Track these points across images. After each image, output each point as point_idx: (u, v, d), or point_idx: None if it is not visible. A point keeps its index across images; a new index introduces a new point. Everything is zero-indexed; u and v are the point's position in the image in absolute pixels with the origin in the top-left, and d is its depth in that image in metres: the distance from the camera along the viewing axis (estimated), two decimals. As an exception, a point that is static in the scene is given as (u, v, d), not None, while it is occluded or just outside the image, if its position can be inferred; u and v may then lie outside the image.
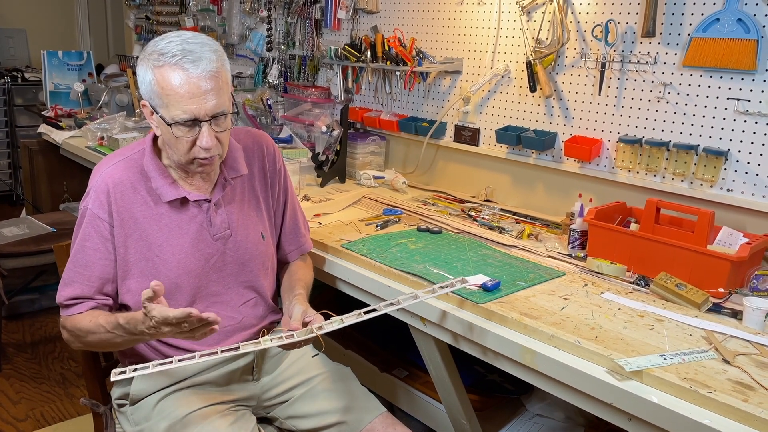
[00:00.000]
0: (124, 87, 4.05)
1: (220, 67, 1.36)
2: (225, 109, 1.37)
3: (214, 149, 1.38)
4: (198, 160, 1.40)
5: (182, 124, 1.34)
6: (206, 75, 1.33)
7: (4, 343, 3.12)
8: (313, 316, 1.38)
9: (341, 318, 1.30)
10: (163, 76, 1.32)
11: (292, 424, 1.56)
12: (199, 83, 1.32)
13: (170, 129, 1.35)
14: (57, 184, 4.03)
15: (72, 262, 1.45)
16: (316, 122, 2.81)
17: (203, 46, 1.35)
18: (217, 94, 1.35)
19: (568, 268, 1.74)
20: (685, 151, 1.85)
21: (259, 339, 1.27)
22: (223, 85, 1.36)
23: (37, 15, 5.59)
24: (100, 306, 1.46)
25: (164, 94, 1.33)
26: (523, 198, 2.33)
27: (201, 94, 1.33)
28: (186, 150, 1.38)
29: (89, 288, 1.44)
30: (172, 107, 1.33)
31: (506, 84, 2.32)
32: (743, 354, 1.28)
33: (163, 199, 1.45)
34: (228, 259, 1.53)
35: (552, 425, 1.91)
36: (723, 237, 1.68)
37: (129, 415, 1.52)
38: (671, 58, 1.87)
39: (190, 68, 1.31)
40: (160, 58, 1.33)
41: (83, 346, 1.48)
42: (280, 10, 3.30)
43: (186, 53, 1.32)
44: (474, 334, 1.45)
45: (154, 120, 1.40)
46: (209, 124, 1.35)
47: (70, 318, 1.44)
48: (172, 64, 1.32)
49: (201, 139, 1.36)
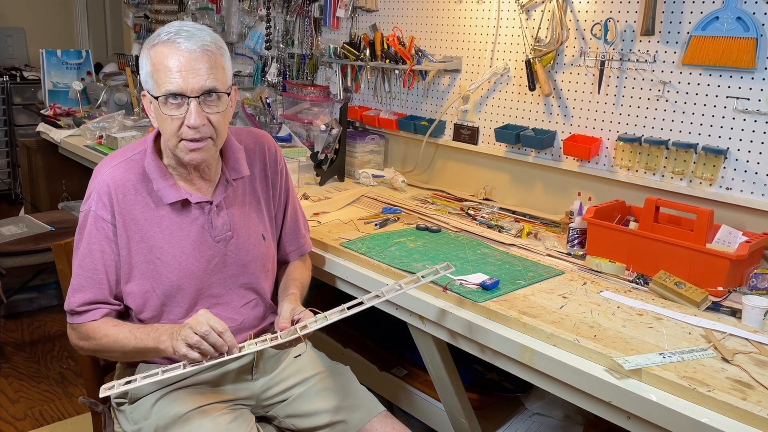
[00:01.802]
0: (123, 86, 4.04)
1: (214, 49, 1.34)
2: (216, 86, 1.34)
3: (202, 130, 1.34)
4: (186, 142, 1.36)
5: (170, 97, 1.32)
6: (198, 50, 1.31)
7: (2, 342, 3.11)
8: (302, 314, 1.38)
9: (325, 315, 1.30)
10: (156, 53, 1.33)
11: (291, 423, 1.56)
12: (189, 57, 1.31)
13: (158, 105, 1.33)
14: (56, 183, 4.02)
15: (80, 267, 1.43)
16: (315, 121, 2.81)
17: (201, 30, 1.35)
18: (208, 71, 1.32)
19: (567, 266, 1.74)
20: (685, 149, 1.85)
21: (244, 344, 1.27)
22: (216, 65, 1.34)
23: (35, 13, 5.58)
24: (112, 312, 1.45)
25: (155, 70, 1.33)
26: (522, 196, 2.33)
27: (190, 68, 1.31)
28: (174, 130, 1.35)
29: (101, 292, 1.43)
30: (161, 83, 1.32)
31: (505, 82, 2.32)
32: (742, 352, 1.28)
33: (165, 201, 1.43)
34: (229, 261, 1.52)
35: (551, 424, 1.91)
36: (722, 235, 1.68)
37: (128, 414, 1.52)
38: (670, 56, 1.87)
39: (181, 42, 1.31)
40: (155, 38, 1.34)
41: (92, 352, 1.48)
42: (279, 8, 3.30)
43: (181, 31, 1.33)
44: (473, 332, 1.45)
45: (152, 110, 1.39)
46: (198, 102, 1.33)
47: (82, 326, 1.43)
48: (165, 41, 1.32)
49: (189, 117, 1.32)
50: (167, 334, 1.33)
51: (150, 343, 1.35)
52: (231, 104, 1.43)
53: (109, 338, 1.40)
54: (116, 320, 1.44)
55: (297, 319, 1.38)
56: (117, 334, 1.39)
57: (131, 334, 1.38)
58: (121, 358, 1.55)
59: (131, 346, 1.38)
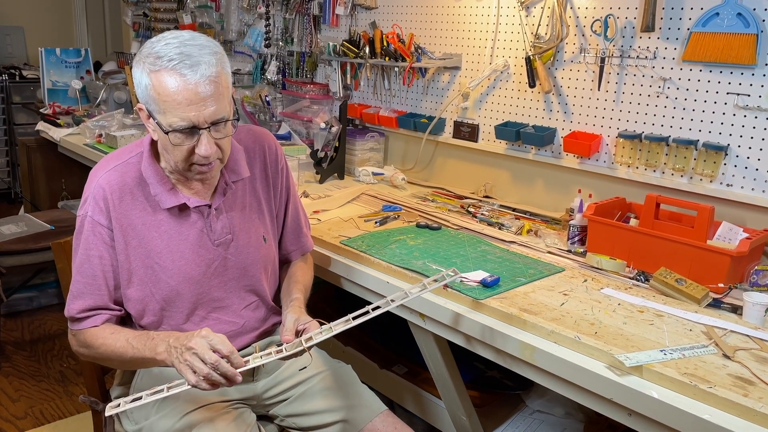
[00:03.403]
0: (122, 84, 4.04)
1: (219, 72, 1.29)
2: (225, 115, 1.31)
3: (213, 156, 1.33)
4: (197, 166, 1.35)
5: (180, 131, 1.29)
6: (205, 80, 1.26)
7: (3, 341, 3.11)
8: (306, 324, 1.35)
9: (330, 326, 1.29)
10: (159, 82, 1.26)
11: (292, 422, 1.55)
12: (197, 89, 1.26)
13: (167, 136, 1.30)
14: (55, 181, 4.02)
15: (79, 274, 1.41)
16: (315, 119, 2.80)
17: (202, 48, 1.29)
18: (216, 99, 1.28)
19: (568, 263, 1.74)
20: (685, 146, 1.84)
21: (249, 358, 1.27)
22: (223, 90, 1.30)
23: (34, 12, 5.57)
24: (113, 317, 1.44)
25: (161, 100, 1.27)
26: (522, 194, 2.33)
27: (199, 100, 1.27)
28: (184, 157, 1.33)
29: (101, 298, 1.41)
30: (169, 114, 1.28)
31: (505, 79, 2.32)
32: (743, 349, 1.28)
33: (163, 207, 1.41)
34: (229, 265, 1.50)
35: (552, 421, 1.91)
36: (723, 232, 1.68)
37: (129, 413, 1.52)
38: (671, 52, 1.86)
39: (187, 74, 1.25)
40: (156, 62, 1.26)
41: (94, 359, 1.46)
42: (279, 6, 3.29)
43: (184, 57, 1.26)
44: (473, 330, 1.45)
45: (151, 124, 1.34)
46: (208, 131, 1.30)
47: (83, 332, 1.42)
48: (169, 69, 1.25)
49: (200, 147, 1.30)
50: (164, 345, 1.30)
51: (147, 353, 1.33)
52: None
53: (107, 347, 1.38)
54: (115, 327, 1.42)
55: (302, 330, 1.35)
56: (114, 344, 1.38)
57: (128, 343, 1.36)
58: (122, 367, 1.55)
59: (129, 356, 1.37)
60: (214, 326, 1.49)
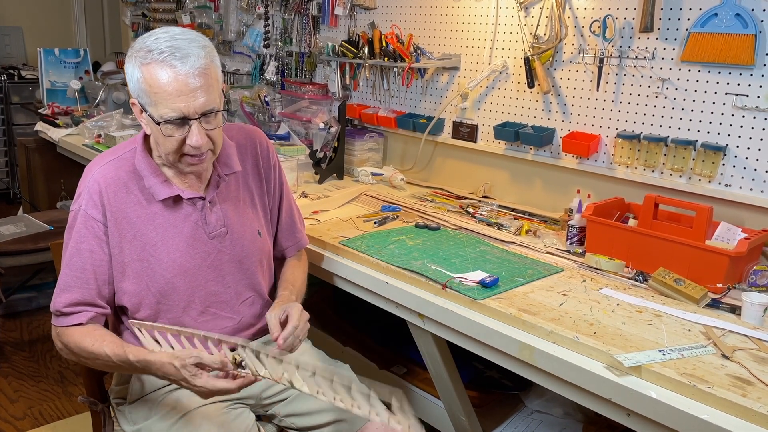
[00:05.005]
0: (121, 84, 4.04)
1: (209, 64, 1.32)
2: (215, 106, 1.34)
3: (204, 147, 1.35)
4: (188, 158, 1.37)
5: (171, 122, 1.32)
6: (195, 72, 1.29)
7: (1, 341, 3.11)
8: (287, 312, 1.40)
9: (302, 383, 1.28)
10: (150, 74, 1.29)
11: (291, 422, 1.56)
12: (187, 80, 1.29)
13: (159, 127, 1.33)
14: (54, 182, 4.02)
15: (68, 267, 1.42)
16: (314, 119, 2.80)
17: (191, 42, 1.32)
18: (206, 91, 1.32)
19: (567, 264, 1.74)
20: (684, 146, 1.84)
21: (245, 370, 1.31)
22: (212, 82, 1.33)
23: (33, 12, 5.57)
24: (98, 316, 1.43)
25: (152, 92, 1.30)
26: (521, 194, 2.33)
27: (189, 91, 1.30)
28: (175, 148, 1.35)
29: (89, 292, 1.41)
30: (160, 105, 1.31)
31: (504, 80, 2.32)
32: (742, 349, 1.28)
33: (156, 198, 1.43)
34: (225, 258, 1.51)
35: (551, 421, 1.91)
36: (721, 232, 1.68)
37: (127, 413, 1.52)
38: (669, 53, 1.86)
39: (177, 65, 1.29)
40: (147, 56, 1.29)
41: (77, 360, 1.43)
42: (277, 6, 3.29)
43: (173, 50, 1.29)
44: (472, 330, 1.45)
45: (144, 118, 1.37)
46: (199, 122, 1.33)
47: (68, 331, 1.40)
48: (160, 61, 1.28)
49: (191, 138, 1.33)
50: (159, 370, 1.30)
51: (138, 368, 1.33)
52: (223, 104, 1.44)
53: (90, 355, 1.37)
54: (97, 334, 1.39)
55: (283, 321, 1.40)
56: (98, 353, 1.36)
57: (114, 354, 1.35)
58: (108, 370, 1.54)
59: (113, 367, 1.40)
60: (212, 321, 1.50)
